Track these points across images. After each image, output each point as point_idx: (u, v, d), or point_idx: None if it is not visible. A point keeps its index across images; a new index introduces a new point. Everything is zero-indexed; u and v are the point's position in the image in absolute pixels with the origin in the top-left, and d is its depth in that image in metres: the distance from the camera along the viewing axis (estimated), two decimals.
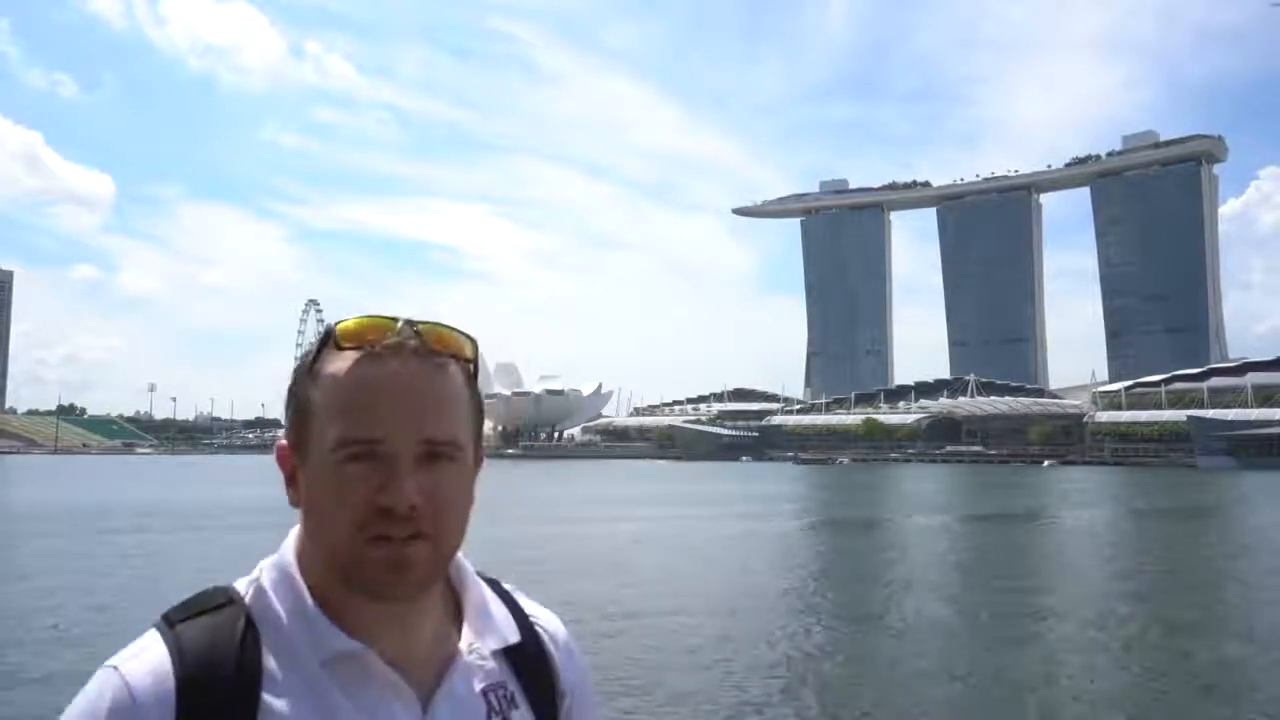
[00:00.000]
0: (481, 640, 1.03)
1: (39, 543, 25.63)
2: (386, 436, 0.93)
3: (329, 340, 0.98)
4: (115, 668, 0.90)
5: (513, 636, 1.06)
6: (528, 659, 1.07)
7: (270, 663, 0.92)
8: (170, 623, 0.94)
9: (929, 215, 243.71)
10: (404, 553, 0.93)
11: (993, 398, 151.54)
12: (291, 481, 1.00)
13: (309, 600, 0.96)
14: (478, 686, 1.00)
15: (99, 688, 0.89)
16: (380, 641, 0.96)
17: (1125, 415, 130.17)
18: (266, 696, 0.91)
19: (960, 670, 12.27)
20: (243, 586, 0.99)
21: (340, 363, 0.96)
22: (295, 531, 1.02)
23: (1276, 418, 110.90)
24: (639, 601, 16.68)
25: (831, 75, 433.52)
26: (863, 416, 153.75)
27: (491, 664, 1.02)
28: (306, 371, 0.99)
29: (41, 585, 17.96)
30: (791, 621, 15.30)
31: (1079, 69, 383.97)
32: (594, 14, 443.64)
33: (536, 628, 1.10)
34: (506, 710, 1.02)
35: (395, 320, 0.98)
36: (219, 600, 0.97)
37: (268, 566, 1.01)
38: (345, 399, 0.95)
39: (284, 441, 1.01)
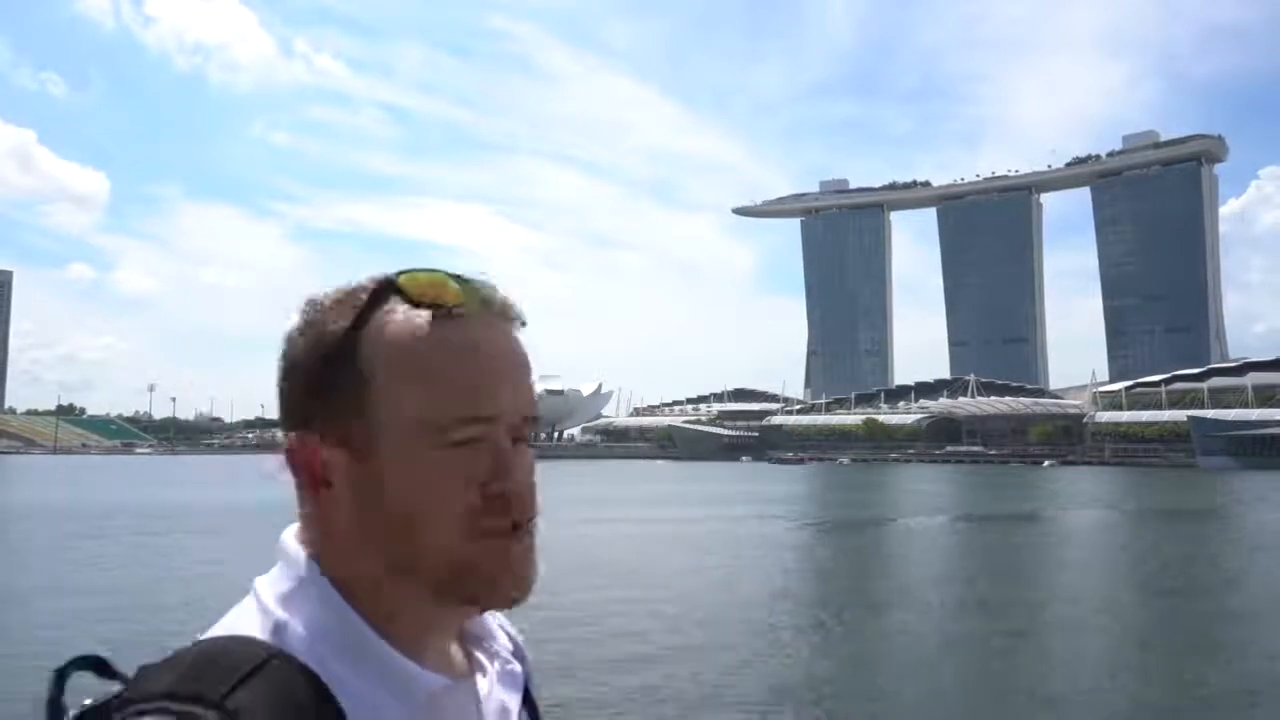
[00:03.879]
0: (493, 644, 0.89)
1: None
2: (499, 413, 0.77)
3: (390, 294, 0.77)
4: None
5: (505, 638, 0.92)
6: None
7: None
8: (211, 702, 0.66)
9: (929, 215, 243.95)
10: (520, 549, 0.78)
11: (993, 398, 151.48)
12: (317, 481, 0.77)
13: (372, 633, 0.75)
14: (513, 693, 0.88)
15: None
16: (433, 658, 0.80)
17: (1125, 415, 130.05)
18: None
19: (960, 671, 12.20)
20: (259, 630, 0.73)
21: (420, 324, 0.76)
22: (295, 544, 0.80)
23: (1277, 418, 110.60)
24: (640, 602, 16.62)
25: (832, 75, 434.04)
26: (863, 417, 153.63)
27: (518, 668, 0.90)
28: (348, 332, 0.76)
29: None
30: (791, 623, 15.24)
31: (1079, 68, 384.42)
32: (594, 13, 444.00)
33: (503, 626, 0.95)
34: (522, 714, 0.89)
35: (450, 276, 0.79)
36: (250, 657, 0.70)
37: (289, 598, 0.76)
38: (437, 372, 0.75)
39: (303, 434, 0.77)
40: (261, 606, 0.75)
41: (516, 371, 0.79)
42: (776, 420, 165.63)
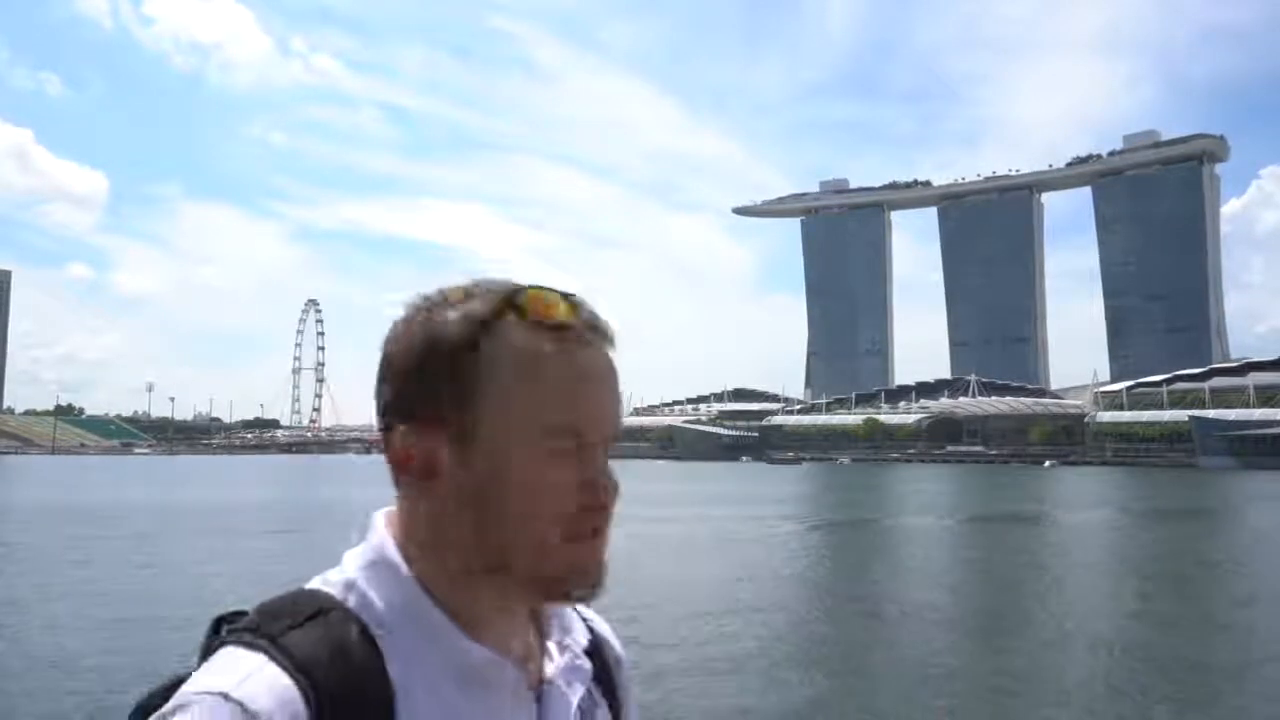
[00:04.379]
0: (566, 638, 0.94)
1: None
2: (594, 430, 0.83)
3: (509, 308, 0.83)
4: (224, 694, 0.72)
5: (584, 635, 0.97)
6: (596, 657, 0.98)
7: (397, 676, 0.79)
8: (270, 636, 0.77)
9: (930, 215, 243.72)
10: (600, 552, 0.84)
11: (994, 398, 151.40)
12: (418, 470, 0.83)
13: (431, 604, 0.83)
14: (575, 685, 0.92)
15: None
16: (493, 638, 0.85)
17: (1126, 415, 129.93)
18: (401, 714, 0.79)
19: (959, 674, 12.00)
20: (332, 588, 0.84)
21: (531, 339, 0.82)
22: (382, 523, 0.87)
23: (1278, 418, 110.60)
24: (639, 603, 16.41)
25: (832, 74, 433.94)
26: (863, 417, 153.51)
27: (586, 663, 0.94)
28: (473, 337, 0.81)
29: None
30: (789, 623, 15.03)
31: (1080, 68, 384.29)
32: (594, 13, 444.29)
33: (591, 625, 1.01)
34: (593, 710, 0.94)
35: (562, 294, 0.85)
36: (314, 605, 0.81)
37: (365, 565, 0.85)
38: (551, 383, 0.81)
39: (411, 425, 0.83)
40: (341, 570, 0.85)
41: (614, 391, 0.86)
42: (777, 420, 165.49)
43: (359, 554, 0.86)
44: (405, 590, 0.83)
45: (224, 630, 0.82)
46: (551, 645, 0.92)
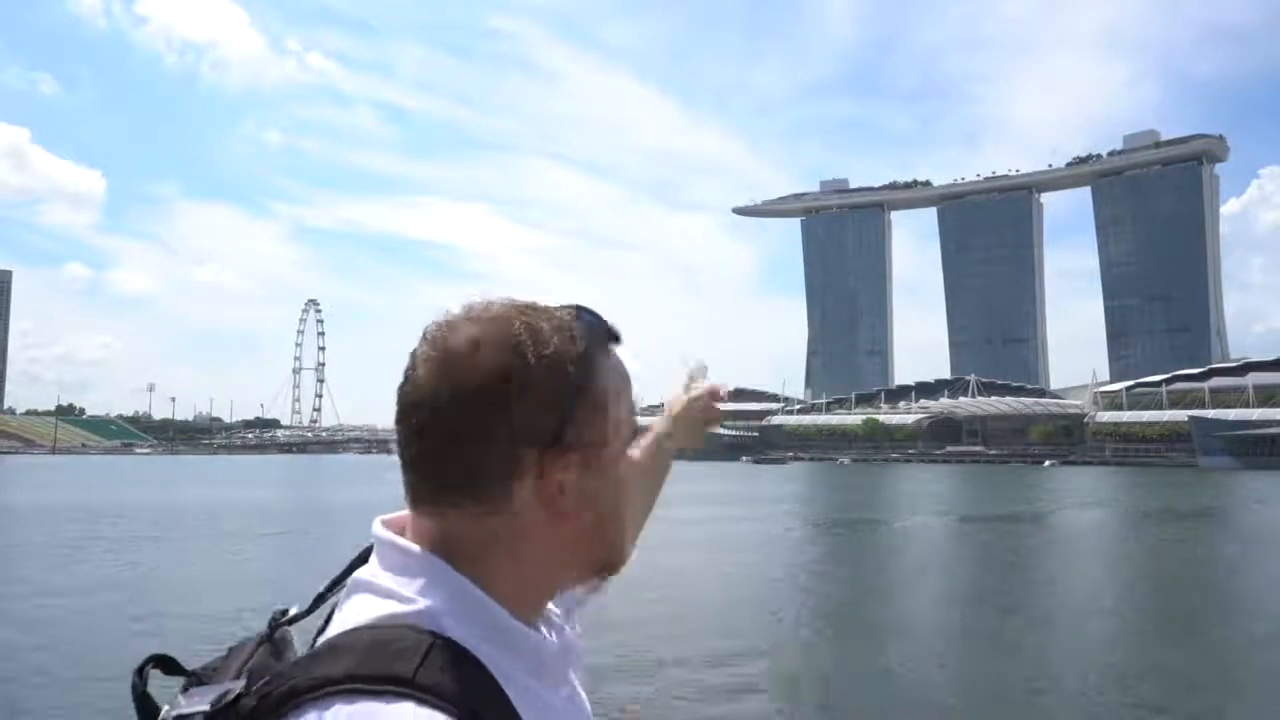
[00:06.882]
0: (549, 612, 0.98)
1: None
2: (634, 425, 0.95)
3: (609, 336, 0.91)
4: None
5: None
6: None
7: (510, 693, 0.79)
8: (405, 679, 0.71)
9: (930, 215, 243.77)
10: None
11: (993, 398, 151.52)
12: (563, 489, 0.84)
13: (508, 614, 0.82)
14: (576, 647, 0.97)
15: None
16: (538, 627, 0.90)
17: (1126, 415, 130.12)
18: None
19: (959, 675, 12.08)
20: (405, 618, 0.78)
21: (616, 358, 0.91)
22: (414, 541, 0.84)
23: (1278, 418, 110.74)
24: (637, 602, 16.49)
25: (832, 74, 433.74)
26: (863, 416, 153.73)
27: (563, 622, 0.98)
28: (591, 362, 0.86)
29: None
30: (789, 623, 15.10)
31: (1080, 68, 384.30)
32: (595, 12, 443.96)
33: None
34: None
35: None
36: (419, 639, 0.76)
37: (426, 586, 0.80)
38: (628, 390, 0.92)
39: (553, 448, 0.83)
40: (400, 597, 0.80)
41: None
42: (777, 420, 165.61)
43: (408, 577, 0.82)
44: (482, 605, 0.81)
45: (279, 630, 0.85)
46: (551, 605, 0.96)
